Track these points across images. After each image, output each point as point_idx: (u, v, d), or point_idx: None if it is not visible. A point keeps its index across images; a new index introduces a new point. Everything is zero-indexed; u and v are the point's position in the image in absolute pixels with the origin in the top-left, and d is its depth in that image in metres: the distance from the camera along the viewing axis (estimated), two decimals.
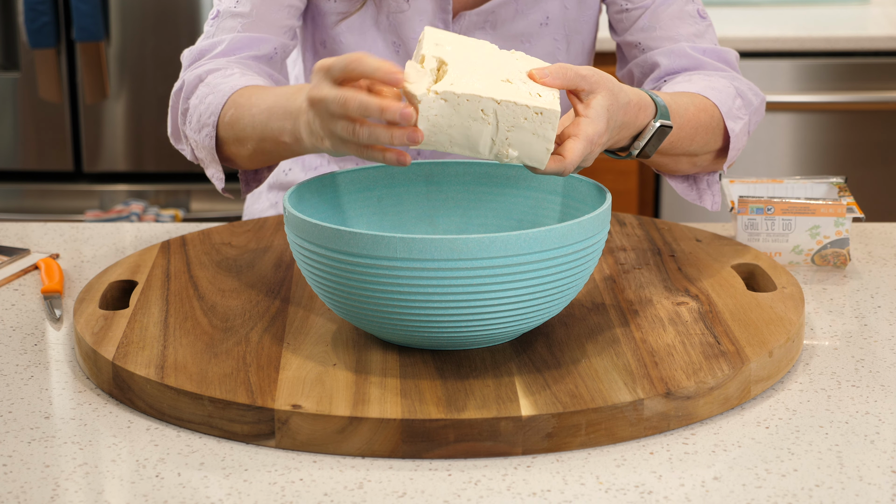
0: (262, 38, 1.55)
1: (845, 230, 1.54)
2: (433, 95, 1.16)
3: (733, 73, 1.59)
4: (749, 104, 1.55)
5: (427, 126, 1.17)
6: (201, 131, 1.45)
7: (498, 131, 1.18)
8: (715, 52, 1.60)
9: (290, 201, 1.27)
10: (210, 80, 1.48)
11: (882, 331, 1.38)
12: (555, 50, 1.65)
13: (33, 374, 1.28)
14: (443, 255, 1.15)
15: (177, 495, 1.06)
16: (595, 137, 1.24)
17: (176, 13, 3.02)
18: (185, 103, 1.51)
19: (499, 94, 1.17)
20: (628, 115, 1.31)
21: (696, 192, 1.56)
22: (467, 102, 1.17)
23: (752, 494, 1.06)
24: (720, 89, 1.51)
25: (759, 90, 1.59)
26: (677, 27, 1.59)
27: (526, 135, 1.18)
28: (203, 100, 1.46)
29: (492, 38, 1.63)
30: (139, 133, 3.09)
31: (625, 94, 1.30)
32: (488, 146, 1.19)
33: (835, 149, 2.98)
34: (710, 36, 1.61)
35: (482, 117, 1.17)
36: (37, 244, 1.66)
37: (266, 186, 1.83)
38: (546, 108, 1.18)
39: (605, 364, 1.21)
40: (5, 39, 3.06)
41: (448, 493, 1.06)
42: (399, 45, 1.63)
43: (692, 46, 1.59)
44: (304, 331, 1.30)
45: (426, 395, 1.15)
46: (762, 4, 3.26)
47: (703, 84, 1.52)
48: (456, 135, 1.18)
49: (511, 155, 1.19)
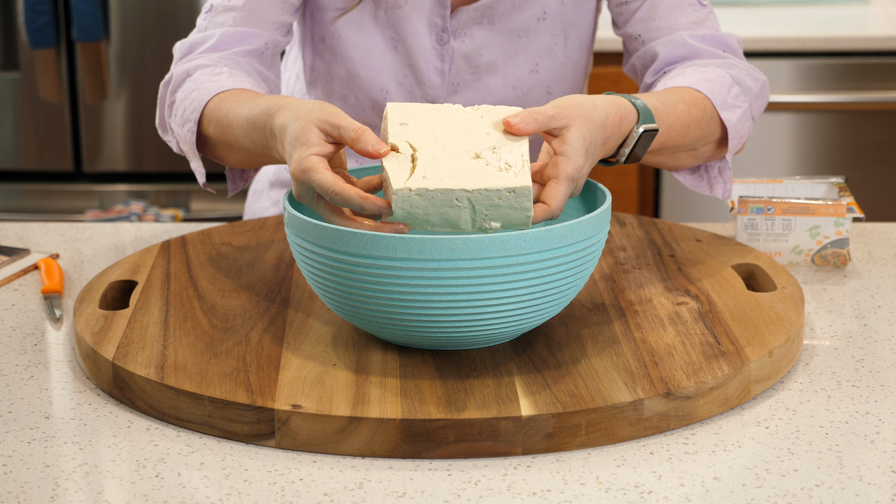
0: (253, 33, 1.55)
1: (845, 230, 1.54)
2: (407, 192, 1.18)
3: (731, 60, 1.56)
4: (748, 90, 1.53)
5: (403, 215, 1.19)
6: (184, 126, 1.46)
7: (475, 213, 1.20)
8: (715, 39, 1.58)
9: (289, 201, 1.27)
10: (198, 75, 1.49)
11: (882, 331, 1.38)
12: (552, 45, 1.65)
13: (33, 374, 1.28)
14: (443, 255, 1.15)
15: (177, 495, 1.06)
16: (575, 173, 1.24)
17: (176, 13, 3.02)
18: (171, 96, 1.51)
19: (469, 182, 1.19)
20: (608, 131, 1.31)
21: (706, 182, 1.54)
22: (441, 195, 1.19)
23: (752, 494, 1.06)
24: (713, 80, 1.49)
25: (760, 73, 1.57)
26: (676, 16, 1.58)
27: (504, 210, 1.20)
28: (188, 95, 1.47)
29: (489, 32, 1.63)
30: (139, 133, 3.09)
31: (601, 112, 1.29)
32: (469, 224, 1.20)
33: (835, 149, 2.98)
34: (711, 23, 1.60)
35: (457, 205, 1.19)
36: (37, 244, 1.66)
37: (268, 184, 1.83)
38: (517, 186, 1.19)
39: (605, 364, 1.21)
40: (5, 39, 3.06)
41: (448, 493, 1.06)
42: (397, 40, 1.63)
43: (691, 35, 1.57)
44: (304, 331, 1.30)
45: (426, 395, 1.15)
46: (762, 4, 3.26)
47: (695, 77, 1.50)
48: (435, 220, 1.20)
49: (494, 226, 1.20)
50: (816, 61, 2.92)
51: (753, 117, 1.54)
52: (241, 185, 1.53)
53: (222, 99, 1.43)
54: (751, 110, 1.53)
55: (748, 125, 1.52)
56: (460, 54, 1.64)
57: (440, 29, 1.62)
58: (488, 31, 1.63)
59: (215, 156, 1.49)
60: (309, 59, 1.69)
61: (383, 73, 1.64)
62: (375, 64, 1.64)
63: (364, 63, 1.64)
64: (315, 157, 1.21)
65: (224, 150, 1.45)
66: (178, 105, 1.48)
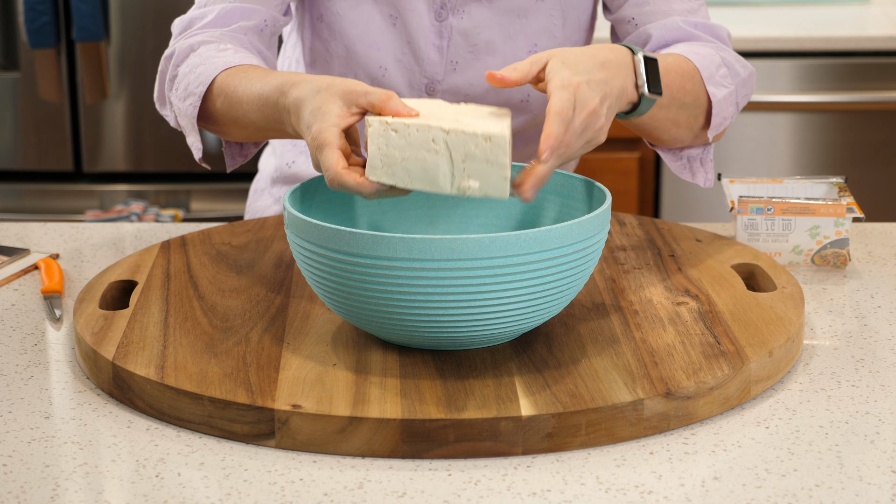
0: (252, 9, 1.57)
1: (845, 230, 1.54)
2: (384, 126, 1.19)
3: (722, 45, 1.58)
4: (736, 74, 1.54)
5: (380, 156, 1.19)
6: (186, 100, 1.47)
7: (453, 163, 1.19)
8: (707, 27, 1.60)
9: (290, 201, 1.27)
10: (202, 51, 1.49)
11: (882, 331, 1.38)
12: (551, 25, 1.66)
13: (33, 374, 1.28)
14: (443, 255, 1.15)
15: (177, 495, 1.06)
16: (564, 84, 1.25)
17: (176, 13, 3.02)
18: (174, 70, 1.52)
19: (447, 124, 1.20)
20: (599, 55, 1.31)
21: (689, 170, 1.56)
22: (417, 133, 1.19)
23: (752, 494, 1.06)
24: (704, 55, 1.52)
25: (749, 64, 1.58)
26: (670, 2, 1.60)
27: (481, 164, 1.19)
28: (194, 69, 1.48)
29: (488, 11, 1.63)
30: (139, 133, 3.09)
31: (580, 47, 1.33)
32: (448, 179, 1.20)
33: (835, 149, 2.98)
34: (703, 13, 1.62)
35: (434, 147, 1.19)
36: (37, 244, 1.66)
37: (270, 181, 1.83)
38: (494, 133, 1.18)
39: (605, 364, 1.21)
40: (5, 39, 3.06)
41: (448, 493, 1.06)
42: (396, 17, 1.63)
43: (685, 20, 1.58)
44: (304, 331, 1.30)
45: (426, 395, 1.15)
46: (762, 4, 3.26)
47: (686, 49, 1.53)
48: (413, 168, 1.20)
49: (472, 186, 1.20)
50: (816, 61, 2.92)
51: (738, 103, 1.55)
52: (240, 161, 1.54)
53: (230, 74, 1.44)
54: (736, 95, 1.54)
55: (732, 109, 1.53)
56: (459, 31, 1.64)
57: (439, 5, 1.62)
58: (487, 10, 1.63)
59: (217, 130, 1.49)
60: (308, 40, 1.69)
61: (381, 51, 1.64)
62: (374, 41, 1.64)
63: (362, 40, 1.64)
64: (331, 132, 1.24)
65: (229, 125, 1.46)
66: (181, 79, 1.49)
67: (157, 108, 1.58)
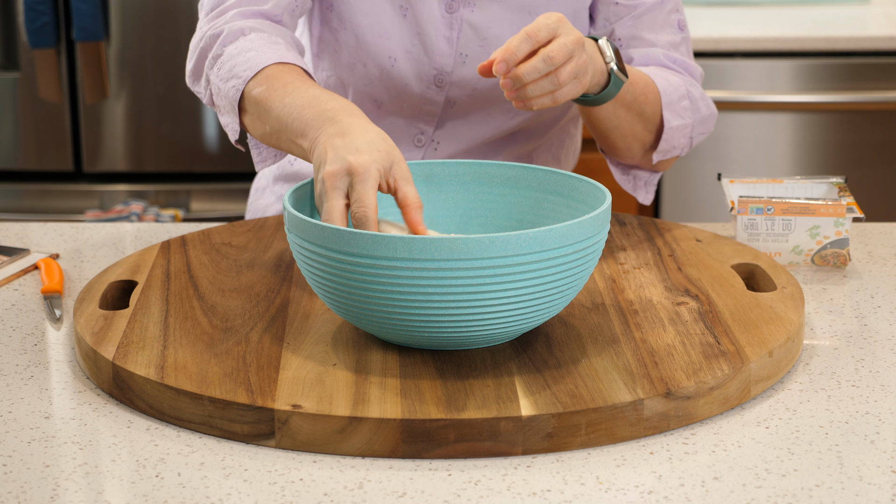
0: None
1: (845, 230, 1.54)
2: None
3: (692, 80, 1.64)
4: (697, 110, 1.62)
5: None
6: (229, 81, 1.45)
7: None
8: (684, 65, 1.66)
9: (289, 201, 1.27)
10: (254, 37, 1.48)
11: (882, 331, 1.38)
12: None
13: (33, 374, 1.28)
14: (443, 255, 1.15)
15: (177, 495, 1.06)
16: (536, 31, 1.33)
17: (176, 13, 3.02)
18: (220, 48, 1.50)
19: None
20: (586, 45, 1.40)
21: (632, 184, 1.65)
22: None
23: (752, 494, 1.06)
24: (671, 83, 1.59)
25: (713, 105, 1.65)
26: (657, 33, 1.65)
27: None
28: (243, 53, 1.46)
29: (499, 6, 1.63)
30: (139, 133, 3.09)
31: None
32: None
33: (835, 149, 2.98)
34: (685, 48, 1.68)
35: None
36: (37, 244, 1.66)
37: (272, 179, 1.83)
38: None
39: (605, 364, 1.21)
40: (5, 39, 3.06)
41: (448, 493, 1.06)
42: (406, 7, 1.63)
43: (665, 54, 1.65)
44: (304, 331, 1.30)
45: (426, 395, 1.15)
46: (762, 4, 3.26)
47: (656, 72, 1.60)
48: None
49: None
50: (816, 61, 2.92)
51: (692, 138, 1.63)
52: (270, 162, 1.50)
53: (282, 69, 1.43)
54: (692, 130, 1.61)
55: (684, 142, 1.61)
56: (469, 24, 1.64)
57: None
58: (498, 4, 1.64)
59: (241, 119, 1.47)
60: (316, 30, 1.69)
61: (391, 41, 1.64)
62: (384, 31, 1.64)
63: (372, 30, 1.64)
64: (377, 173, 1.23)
65: (253, 118, 1.44)
66: (228, 59, 1.47)
67: (188, 84, 1.56)
